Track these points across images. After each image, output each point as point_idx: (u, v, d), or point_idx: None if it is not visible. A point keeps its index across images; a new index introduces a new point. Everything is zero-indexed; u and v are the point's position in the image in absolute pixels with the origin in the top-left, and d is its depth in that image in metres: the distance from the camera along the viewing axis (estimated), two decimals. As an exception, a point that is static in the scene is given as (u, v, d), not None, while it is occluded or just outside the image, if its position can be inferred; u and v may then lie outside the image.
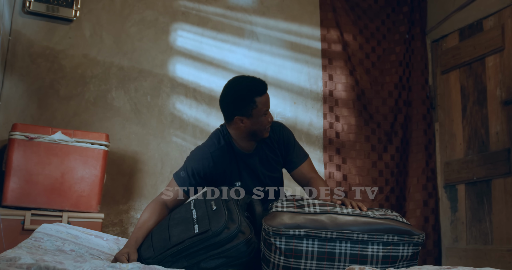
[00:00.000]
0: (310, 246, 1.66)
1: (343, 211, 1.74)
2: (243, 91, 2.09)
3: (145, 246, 1.91)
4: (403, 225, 1.71)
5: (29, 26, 3.38)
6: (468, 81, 3.96)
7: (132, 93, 3.59)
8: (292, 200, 1.90)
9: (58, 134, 2.91)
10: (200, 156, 2.17)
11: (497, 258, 3.49)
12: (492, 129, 3.70)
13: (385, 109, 4.22)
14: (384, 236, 1.67)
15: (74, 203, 2.90)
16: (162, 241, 1.83)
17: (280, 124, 2.33)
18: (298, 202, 1.85)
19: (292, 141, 2.30)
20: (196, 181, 2.15)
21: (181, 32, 3.80)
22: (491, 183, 3.66)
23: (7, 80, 3.28)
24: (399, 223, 1.71)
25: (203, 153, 2.18)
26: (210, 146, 2.20)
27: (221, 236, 1.74)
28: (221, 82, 3.81)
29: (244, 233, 1.77)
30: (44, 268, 1.24)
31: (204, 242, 1.74)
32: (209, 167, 2.15)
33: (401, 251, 1.70)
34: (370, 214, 1.75)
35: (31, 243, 1.86)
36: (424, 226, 3.99)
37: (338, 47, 4.19)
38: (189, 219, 1.85)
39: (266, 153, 2.24)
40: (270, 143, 2.25)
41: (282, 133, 2.27)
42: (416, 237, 1.70)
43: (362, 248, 1.67)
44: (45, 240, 1.92)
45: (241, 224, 1.78)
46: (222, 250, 1.74)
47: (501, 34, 3.66)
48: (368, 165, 4.08)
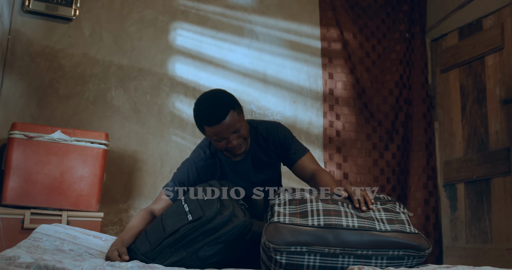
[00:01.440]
0: (311, 261, 1.60)
1: (348, 224, 1.63)
2: (196, 114, 2.04)
3: (140, 242, 1.90)
4: (412, 238, 1.62)
5: (29, 25, 3.38)
6: (468, 80, 3.96)
7: (132, 92, 3.58)
8: (295, 201, 1.78)
9: (57, 133, 2.91)
10: (185, 168, 2.19)
11: (496, 257, 3.49)
12: (491, 128, 3.70)
13: (386, 108, 4.22)
14: (390, 251, 1.59)
15: (74, 202, 2.90)
16: (157, 233, 1.84)
17: (275, 125, 2.27)
18: (302, 207, 1.74)
19: (289, 139, 2.25)
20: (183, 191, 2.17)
21: (180, 31, 3.80)
22: (490, 182, 3.66)
23: (7, 79, 3.27)
24: (407, 237, 1.61)
25: (188, 165, 2.19)
26: (195, 158, 2.20)
27: (215, 221, 1.75)
28: (220, 81, 3.83)
29: (237, 217, 1.77)
30: (43, 267, 1.24)
31: (199, 229, 1.75)
32: (194, 177, 2.16)
33: (405, 264, 1.63)
34: (377, 226, 1.65)
35: (30, 243, 1.86)
36: (425, 225, 3.99)
37: (338, 46, 4.19)
38: (181, 211, 1.87)
39: (259, 157, 2.21)
40: (265, 146, 2.21)
41: (277, 135, 2.22)
42: (423, 252, 1.62)
43: (365, 262, 1.60)
44: (44, 240, 1.92)
45: (234, 209, 1.79)
46: (219, 235, 1.75)
47: (501, 33, 3.66)
48: (369, 164, 4.08)
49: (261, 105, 3.92)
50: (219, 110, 1.97)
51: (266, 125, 2.24)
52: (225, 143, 2.03)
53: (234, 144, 2.03)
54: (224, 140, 2.02)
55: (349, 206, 1.75)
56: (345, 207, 1.73)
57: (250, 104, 3.89)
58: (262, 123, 2.26)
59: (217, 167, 2.19)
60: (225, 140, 2.02)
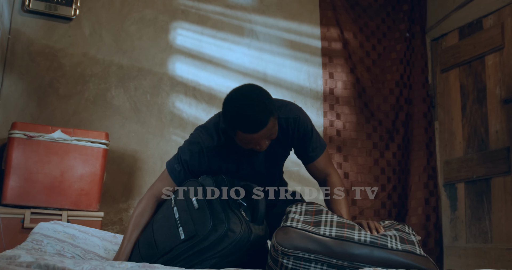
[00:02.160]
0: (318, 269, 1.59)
1: (360, 238, 1.61)
2: (233, 117, 1.78)
3: (135, 258, 1.83)
4: (421, 261, 1.60)
5: (29, 25, 3.38)
6: (468, 80, 3.96)
7: (132, 92, 3.58)
8: (311, 212, 1.78)
9: (57, 133, 2.91)
10: (196, 153, 1.96)
11: (496, 257, 3.49)
12: (491, 128, 3.70)
13: (387, 107, 4.22)
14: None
15: (74, 202, 2.90)
16: (149, 250, 1.77)
17: (296, 116, 2.02)
18: (316, 217, 1.74)
19: (309, 133, 2.05)
20: (192, 176, 1.97)
21: (180, 31, 3.80)
22: (490, 181, 3.66)
23: (7, 79, 3.27)
24: (417, 259, 1.60)
25: (199, 150, 1.95)
26: (208, 142, 1.96)
27: (209, 239, 1.66)
28: (220, 80, 3.83)
29: (234, 231, 1.68)
30: (44, 266, 1.24)
31: (193, 248, 1.68)
32: (204, 165, 1.96)
33: None
34: (388, 243, 1.63)
35: (31, 246, 1.85)
36: (426, 224, 3.99)
37: (339, 45, 4.19)
38: (172, 223, 1.76)
39: (275, 149, 2.03)
40: (283, 139, 2.02)
41: (297, 129, 2.02)
42: None
43: None
44: (45, 244, 1.90)
45: (229, 221, 1.68)
46: (214, 252, 1.68)
47: (501, 32, 3.66)
48: (370, 163, 4.08)
49: (261, 105, 3.92)
50: (261, 118, 1.75)
51: (286, 113, 2.00)
52: (253, 145, 1.85)
53: (263, 147, 1.87)
54: (255, 144, 1.84)
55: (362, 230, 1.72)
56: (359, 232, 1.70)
57: (250, 103, 3.88)
58: (283, 108, 2.01)
59: (229, 158, 1.99)
60: (256, 144, 1.84)
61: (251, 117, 1.74)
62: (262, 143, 1.84)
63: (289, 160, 2.22)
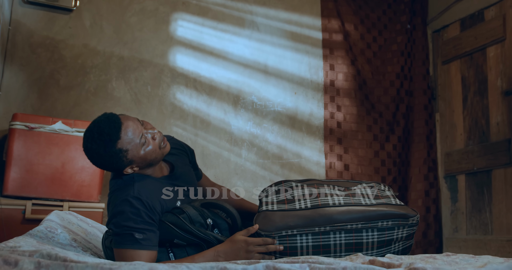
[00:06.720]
0: (304, 241, 1.67)
1: (334, 202, 1.71)
2: (104, 148, 1.69)
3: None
4: (397, 208, 1.69)
5: (29, 16, 3.37)
6: (469, 72, 3.95)
7: (133, 83, 3.58)
8: (282, 190, 1.86)
9: (58, 124, 2.91)
10: (152, 194, 1.73)
11: (496, 248, 3.50)
12: (492, 120, 3.70)
13: (387, 99, 4.21)
14: (379, 222, 1.66)
15: (75, 193, 2.90)
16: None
17: (172, 137, 2.06)
18: (288, 194, 1.82)
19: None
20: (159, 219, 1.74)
21: (181, 22, 3.79)
22: (491, 173, 3.67)
23: (7, 70, 3.27)
24: (393, 207, 1.69)
25: (152, 196, 1.72)
26: (137, 191, 1.70)
27: None
28: (221, 72, 3.82)
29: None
30: (46, 255, 1.24)
31: None
32: (160, 200, 1.75)
33: (396, 234, 1.69)
34: (362, 201, 1.73)
35: (45, 233, 1.83)
36: (426, 216, 4.00)
37: (339, 37, 4.18)
38: None
39: (182, 160, 2.00)
40: (177, 152, 1.99)
41: (179, 142, 2.05)
42: (411, 219, 1.69)
43: (356, 236, 1.67)
44: (59, 233, 1.88)
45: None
46: None
47: (502, 24, 3.65)
48: (370, 155, 4.08)
49: (262, 96, 3.92)
50: (112, 119, 1.73)
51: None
52: (146, 136, 1.76)
53: (157, 134, 1.81)
54: (146, 133, 1.78)
55: (335, 187, 1.83)
56: (331, 189, 1.82)
57: (251, 95, 3.88)
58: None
59: (159, 187, 1.82)
60: (146, 133, 1.77)
61: (104, 128, 1.68)
62: (149, 127, 1.75)
63: (290, 152, 2.22)
